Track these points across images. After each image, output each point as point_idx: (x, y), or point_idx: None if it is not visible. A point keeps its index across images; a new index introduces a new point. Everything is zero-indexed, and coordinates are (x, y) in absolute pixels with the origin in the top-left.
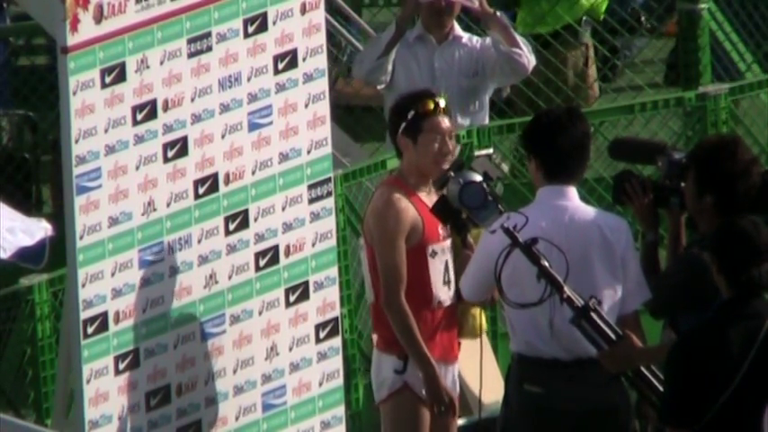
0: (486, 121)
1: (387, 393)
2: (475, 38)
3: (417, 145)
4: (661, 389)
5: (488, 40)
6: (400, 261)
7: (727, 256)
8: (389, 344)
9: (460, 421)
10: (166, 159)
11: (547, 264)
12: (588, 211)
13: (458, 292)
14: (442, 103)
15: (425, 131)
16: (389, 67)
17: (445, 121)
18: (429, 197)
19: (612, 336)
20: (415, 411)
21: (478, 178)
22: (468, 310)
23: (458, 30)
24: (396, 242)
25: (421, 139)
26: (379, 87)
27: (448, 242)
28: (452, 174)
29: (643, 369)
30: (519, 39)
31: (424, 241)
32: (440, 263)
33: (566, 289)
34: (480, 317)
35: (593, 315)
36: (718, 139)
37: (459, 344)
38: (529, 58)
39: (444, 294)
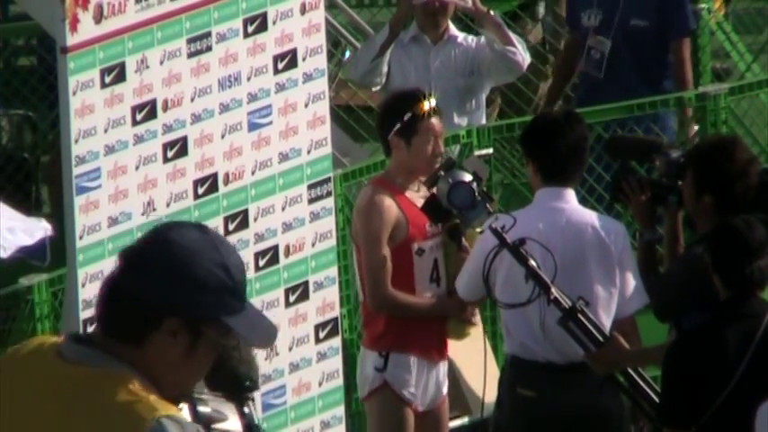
0: (484, 119)
1: (368, 391)
2: (470, 37)
3: (411, 146)
4: (648, 391)
5: (483, 39)
6: (385, 259)
7: (720, 255)
8: (374, 341)
9: (459, 421)
10: (166, 159)
11: (535, 264)
12: (585, 213)
13: (450, 291)
14: (434, 103)
15: (420, 133)
16: (384, 69)
17: (438, 123)
18: (416, 195)
19: (599, 337)
20: (395, 410)
21: (468, 178)
22: None
23: (453, 29)
24: (380, 240)
25: (415, 141)
26: (374, 89)
27: (436, 240)
28: (442, 173)
29: (631, 372)
30: (513, 37)
31: (409, 239)
32: (427, 261)
33: (553, 290)
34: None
35: (581, 316)
36: (716, 140)
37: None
38: (524, 56)
39: (431, 292)
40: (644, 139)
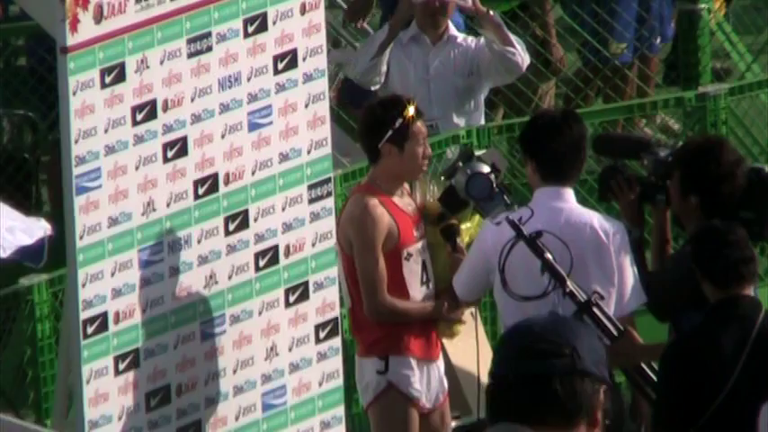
0: (482, 120)
1: (372, 396)
2: (470, 38)
3: (404, 151)
4: None
5: (483, 39)
6: (381, 267)
7: (702, 254)
8: (368, 347)
9: (459, 421)
10: (166, 159)
11: (551, 257)
12: (584, 212)
13: (438, 292)
14: (416, 106)
15: (412, 137)
16: (383, 68)
17: (423, 126)
18: (401, 200)
19: (614, 331)
20: (402, 410)
21: (486, 170)
22: None
23: (452, 30)
24: (375, 249)
25: (408, 146)
26: (373, 88)
27: (422, 243)
28: (461, 164)
29: (643, 365)
30: (513, 37)
31: (400, 245)
32: (416, 264)
33: (568, 283)
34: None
35: (595, 310)
36: (703, 141)
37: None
38: (523, 57)
39: (421, 294)
40: (631, 137)
